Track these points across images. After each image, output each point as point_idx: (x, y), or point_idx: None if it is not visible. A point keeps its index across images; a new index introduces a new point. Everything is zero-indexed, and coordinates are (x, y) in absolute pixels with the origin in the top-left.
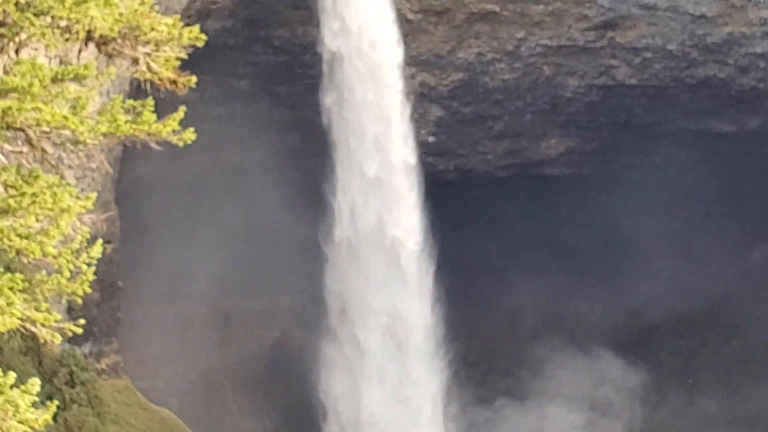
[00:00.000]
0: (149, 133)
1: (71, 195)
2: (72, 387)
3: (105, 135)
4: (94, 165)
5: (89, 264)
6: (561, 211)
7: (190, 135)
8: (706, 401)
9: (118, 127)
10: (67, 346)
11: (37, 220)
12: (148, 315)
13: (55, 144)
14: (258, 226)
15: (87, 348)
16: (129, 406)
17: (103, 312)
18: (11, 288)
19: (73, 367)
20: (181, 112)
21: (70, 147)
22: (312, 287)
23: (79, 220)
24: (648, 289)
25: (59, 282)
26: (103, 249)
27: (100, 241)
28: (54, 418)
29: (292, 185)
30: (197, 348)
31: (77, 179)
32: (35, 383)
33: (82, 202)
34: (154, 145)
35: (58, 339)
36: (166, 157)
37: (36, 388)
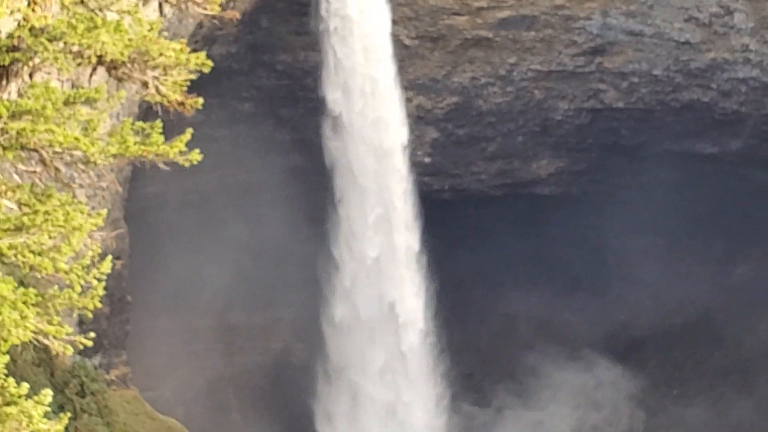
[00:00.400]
0: (157, 154)
1: (83, 213)
2: (83, 397)
3: (115, 156)
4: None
5: (99, 279)
6: (551, 229)
7: (196, 156)
8: (690, 411)
9: (127, 149)
10: (78, 357)
11: (50, 237)
12: (155, 327)
13: (67, 164)
14: (261, 242)
15: (97, 360)
16: (137, 415)
17: (113, 325)
18: (25, 302)
19: (84, 378)
20: (188, 134)
21: (81, 167)
22: (313, 301)
23: (90, 237)
24: (635, 303)
25: (71, 296)
26: (113, 265)
27: (109, 257)
28: (65, 427)
29: (294, 203)
30: (203, 359)
31: (88, 198)
32: (47, 394)
33: (93, 219)
34: (162, 166)
35: (69, 351)
36: (173, 177)
37: (48, 398)
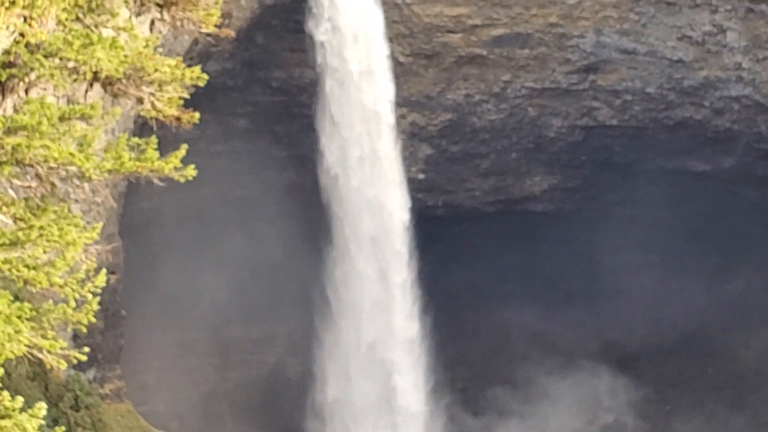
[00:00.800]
0: (152, 170)
1: (77, 227)
2: (77, 411)
3: (110, 171)
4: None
5: (94, 293)
6: (545, 245)
7: (191, 172)
8: (683, 427)
9: (122, 164)
10: (73, 372)
11: (45, 251)
12: (150, 342)
13: (63, 179)
14: (256, 257)
15: (91, 374)
16: (131, 429)
17: (107, 339)
18: (19, 316)
19: (78, 392)
20: (183, 150)
21: (76, 182)
22: (307, 316)
23: (85, 251)
24: (628, 319)
25: (65, 311)
26: (108, 279)
27: (104, 272)
28: None
29: (288, 218)
30: (197, 373)
31: (83, 213)
32: (42, 407)
33: (87, 233)
34: (156, 181)
35: (63, 365)
36: (168, 192)
37: (43, 412)
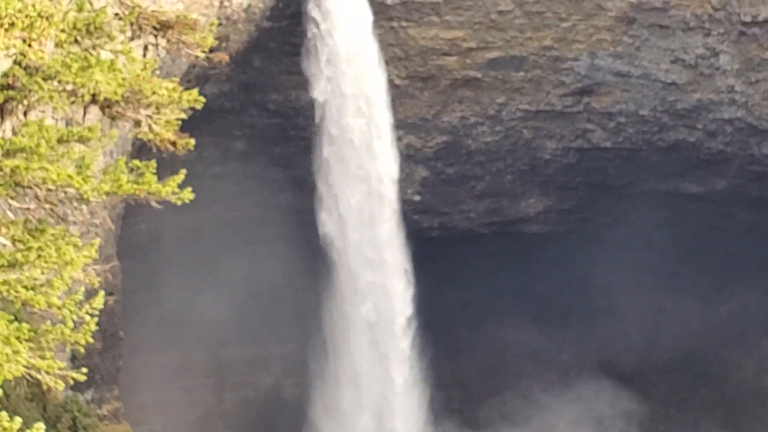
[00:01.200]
0: (150, 193)
1: (75, 246)
2: None
3: (108, 193)
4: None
5: (92, 314)
6: (539, 266)
7: (188, 195)
8: None
9: (120, 187)
10: (71, 392)
11: (43, 272)
12: (147, 363)
13: (61, 201)
14: (252, 278)
15: (89, 395)
16: None
17: (105, 360)
18: (18, 337)
19: (76, 413)
20: (182, 174)
21: (74, 204)
22: (304, 337)
23: (84, 271)
24: (622, 340)
25: (63, 332)
26: (105, 301)
27: (102, 293)
28: None
29: (284, 240)
30: (194, 394)
31: (81, 234)
32: (40, 428)
33: (85, 252)
34: (154, 204)
35: (61, 385)
36: (166, 214)
37: None
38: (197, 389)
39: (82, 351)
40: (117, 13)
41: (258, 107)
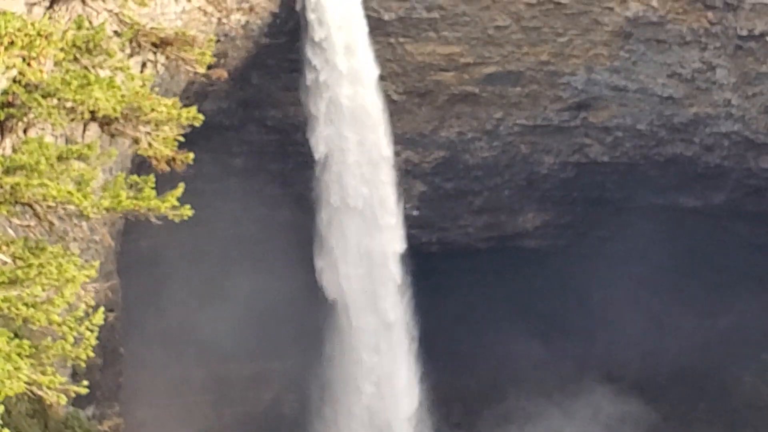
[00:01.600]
0: (149, 209)
1: (76, 265)
2: None
3: (107, 209)
4: (97, 238)
5: (92, 330)
6: (538, 281)
7: (187, 211)
8: None
9: (119, 203)
10: (72, 408)
11: (43, 289)
12: (147, 378)
13: (61, 218)
14: (252, 294)
15: (90, 411)
16: None
17: (106, 377)
18: (19, 354)
19: (78, 429)
20: (180, 189)
21: (74, 221)
22: (302, 353)
23: (84, 288)
24: (620, 354)
25: (64, 347)
26: (106, 317)
27: (102, 309)
28: None
29: (282, 256)
30: (194, 410)
31: (81, 251)
32: None
33: (86, 271)
34: (154, 220)
35: (64, 400)
36: (165, 230)
37: None
38: (197, 405)
39: (83, 366)
40: (116, 31)
41: (256, 124)
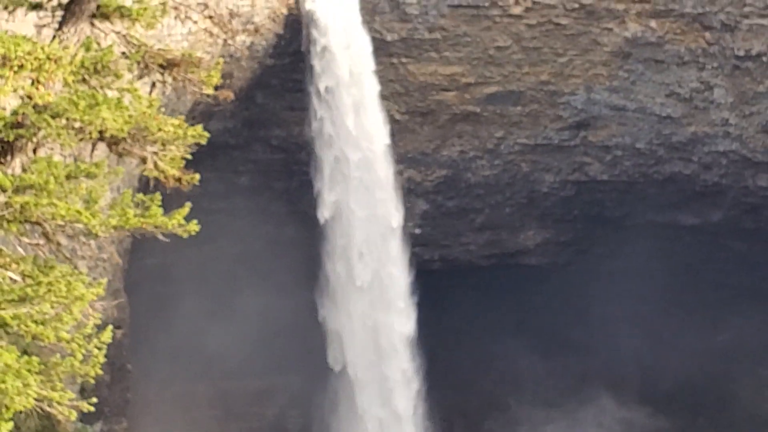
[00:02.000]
0: (156, 226)
1: (84, 283)
2: None
3: (115, 228)
4: (105, 256)
5: (100, 348)
6: (538, 298)
7: (194, 227)
8: None
9: (127, 221)
10: (80, 425)
11: (52, 306)
12: (154, 394)
13: (69, 236)
14: (257, 310)
15: (98, 427)
16: None
17: (114, 393)
18: (28, 370)
19: None
20: (187, 207)
21: (82, 239)
22: (307, 369)
23: (92, 306)
24: (620, 370)
25: (73, 364)
26: (114, 334)
27: (110, 327)
28: None
29: (287, 273)
30: (199, 425)
31: (89, 269)
32: None
33: (94, 289)
34: (161, 237)
35: (74, 415)
36: (172, 248)
37: None
38: (203, 420)
39: (91, 382)
40: (123, 52)
41: (261, 143)
